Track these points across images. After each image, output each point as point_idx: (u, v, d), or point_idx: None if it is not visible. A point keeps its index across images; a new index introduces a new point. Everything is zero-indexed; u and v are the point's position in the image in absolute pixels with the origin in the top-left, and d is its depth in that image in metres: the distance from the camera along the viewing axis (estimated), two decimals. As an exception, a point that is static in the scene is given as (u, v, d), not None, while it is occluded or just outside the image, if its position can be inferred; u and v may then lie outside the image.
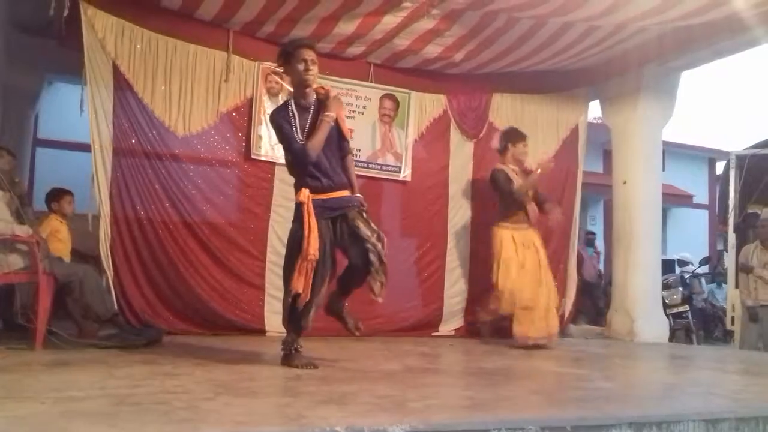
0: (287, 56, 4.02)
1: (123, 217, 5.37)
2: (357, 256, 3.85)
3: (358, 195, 4.04)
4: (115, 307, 4.79)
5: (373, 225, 3.92)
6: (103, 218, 5.25)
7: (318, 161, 3.87)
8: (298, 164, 3.91)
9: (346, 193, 3.98)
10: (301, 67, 3.94)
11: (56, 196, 5.60)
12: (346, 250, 3.92)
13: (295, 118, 3.90)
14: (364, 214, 3.94)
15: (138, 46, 5.45)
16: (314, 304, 3.86)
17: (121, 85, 5.39)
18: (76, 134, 7.34)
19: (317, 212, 3.81)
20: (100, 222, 5.24)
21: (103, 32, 5.28)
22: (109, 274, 5.20)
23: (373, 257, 3.83)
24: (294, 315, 3.86)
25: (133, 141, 5.44)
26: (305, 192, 3.85)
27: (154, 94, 5.51)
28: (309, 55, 3.97)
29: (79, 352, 4.13)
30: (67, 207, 5.55)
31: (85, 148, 5.42)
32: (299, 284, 3.73)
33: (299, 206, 3.86)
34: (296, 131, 3.87)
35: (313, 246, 3.72)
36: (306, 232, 3.74)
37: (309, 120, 3.92)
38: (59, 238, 5.34)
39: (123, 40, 5.38)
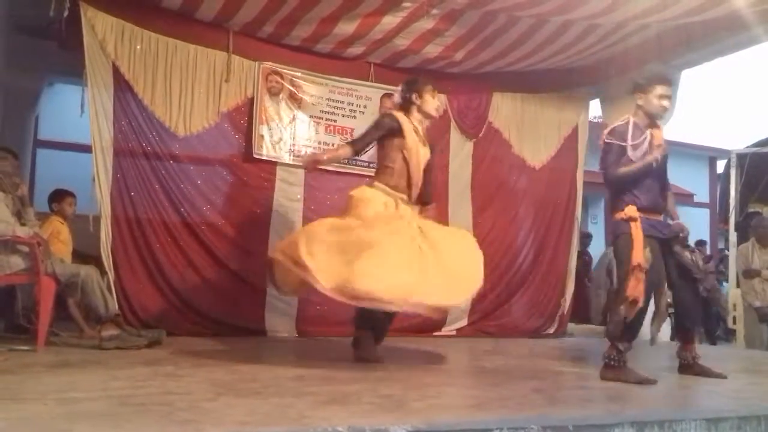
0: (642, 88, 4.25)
1: (124, 218, 5.38)
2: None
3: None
4: (117, 308, 4.78)
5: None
6: (104, 219, 5.25)
7: None
8: None
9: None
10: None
11: (57, 197, 5.60)
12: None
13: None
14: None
15: (138, 47, 5.45)
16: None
17: (122, 85, 5.39)
18: (77, 135, 7.32)
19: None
20: (101, 223, 5.24)
21: (103, 33, 5.28)
22: (111, 275, 5.20)
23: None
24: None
25: (134, 142, 5.45)
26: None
27: (155, 95, 5.52)
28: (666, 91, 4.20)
29: (81, 354, 4.13)
30: (68, 208, 5.56)
31: (86, 149, 5.42)
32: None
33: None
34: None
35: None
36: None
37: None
38: (60, 239, 5.34)
39: (123, 41, 5.38)
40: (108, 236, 5.26)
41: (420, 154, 4.46)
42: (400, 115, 4.46)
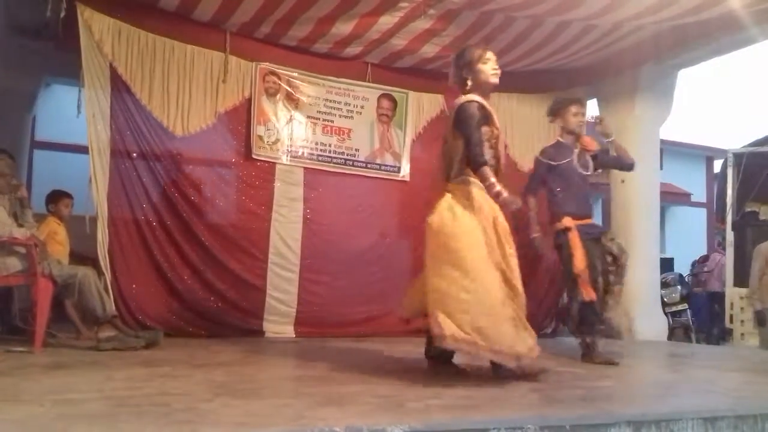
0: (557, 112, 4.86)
1: (121, 219, 5.38)
2: None
3: None
4: (114, 309, 4.78)
5: None
6: (101, 220, 5.25)
7: None
8: None
9: None
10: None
11: (54, 198, 5.59)
12: None
13: None
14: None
15: (135, 48, 5.46)
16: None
17: (119, 86, 5.39)
18: (74, 136, 7.32)
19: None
20: (98, 224, 5.24)
21: (100, 34, 5.28)
22: (108, 276, 5.19)
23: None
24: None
25: (131, 142, 5.45)
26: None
27: (152, 95, 5.52)
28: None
29: (78, 355, 4.12)
30: (64, 209, 5.55)
31: (83, 149, 5.42)
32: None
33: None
34: None
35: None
36: None
37: None
38: (57, 240, 5.33)
39: (120, 42, 5.38)
40: (105, 237, 5.26)
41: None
42: (478, 99, 3.86)
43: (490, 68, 3.88)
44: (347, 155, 6.29)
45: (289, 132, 6.08)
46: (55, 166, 8.81)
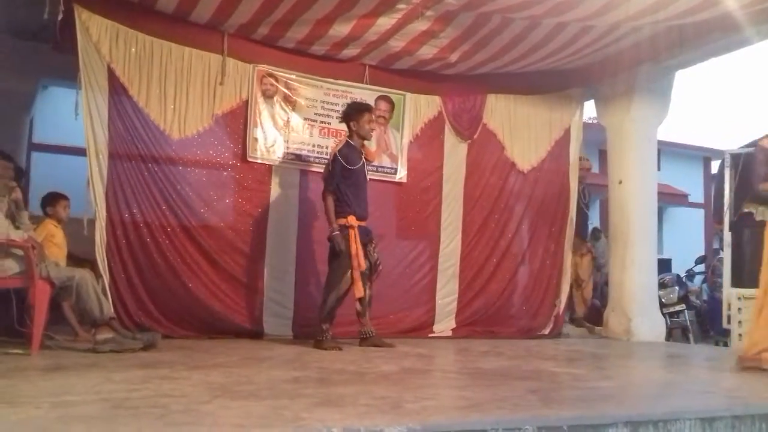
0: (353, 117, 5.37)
1: (119, 221, 5.38)
2: None
3: None
4: (112, 311, 4.77)
5: None
6: (99, 222, 5.25)
7: None
8: None
9: None
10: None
11: (51, 200, 5.58)
12: None
13: None
14: None
15: (133, 50, 5.46)
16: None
17: (116, 88, 5.39)
18: (72, 138, 7.32)
19: None
20: (96, 226, 5.24)
21: (97, 36, 5.28)
22: (106, 278, 5.20)
23: None
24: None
25: (129, 144, 5.45)
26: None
27: (150, 98, 5.52)
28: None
29: (76, 357, 4.12)
30: (62, 212, 5.54)
31: (81, 152, 5.43)
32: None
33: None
34: None
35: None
36: None
37: None
38: (55, 242, 5.33)
39: (118, 44, 5.39)
40: (103, 239, 5.26)
41: None
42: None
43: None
44: (345, 157, 6.28)
45: (286, 134, 6.08)
46: (52, 168, 8.80)
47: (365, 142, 5.48)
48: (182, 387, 3.08)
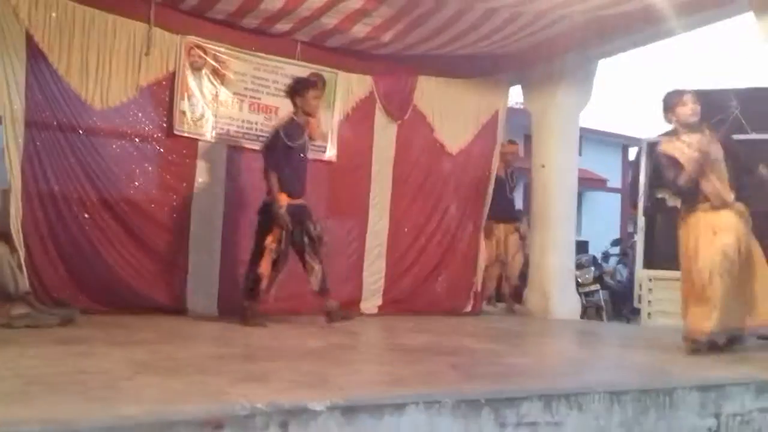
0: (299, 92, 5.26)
1: (36, 193, 5.17)
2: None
3: None
4: (27, 285, 4.62)
5: None
6: (14, 194, 5.03)
7: None
8: None
9: None
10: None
11: (-38, 169, 5.32)
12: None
13: None
14: None
15: (53, 15, 5.22)
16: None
17: (35, 54, 5.15)
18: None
19: None
20: (11, 197, 5.02)
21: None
22: (21, 252, 4.99)
23: None
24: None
25: (48, 114, 5.23)
26: None
27: (70, 66, 5.30)
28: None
29: (-11, 332, 3.97)
30: (-27, 181, 5.29)
31: (-5, 119, 5.17)
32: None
33: None
34: None
35: None
36: None
37: None
38: (-34, 213, 5.09)
39: (37, 8, 5.14)
40: (18, 211, 5.04)
41: None
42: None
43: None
44: (274, 133, 6.22)
45: (214, 108, 5.97)
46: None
47: (311, 119, 5.36)
48: (102, 363, 3.03)
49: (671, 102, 4.41)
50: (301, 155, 5.31)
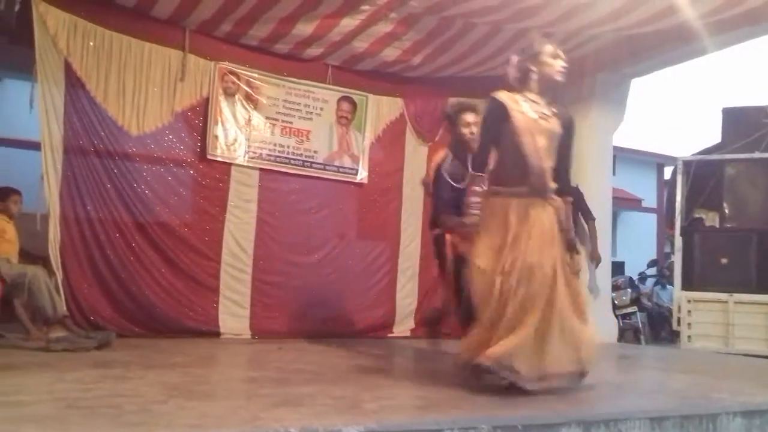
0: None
1: (73, 217, 5.27)
2: None
3: None
4: (65, 309, 4.69)
5: None
6: (52, 218, 5.14)
7: None
8: None
9: None
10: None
11: (2, 195, 5.44)
12: None
13: None
14: None
15: (91, 44, 5.36)
16: None
17: (73, 82, 5.29)
18: (26, 132, 7.14)
19: None
20: (50, 222, 5.13)
21: (55, 29, 5.17)
22: (59, 275, 5.08)
23: None
24: None
25: (85, 139, 5.36)
26: None
27: (108, 92, 5.43)
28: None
29: (27, 356, 4.03)
30: (13, 206, 5.40)
31: (35, 146, 5.31)
32: None
33: None
34: None
35: None
36: None
37: None
38: (6, 238, 5.19)
39: (76, 37, 5.28)
40: (57, 236, 5.15)
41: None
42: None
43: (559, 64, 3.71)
44: (305, 157, 6.28)
45: (247, 132, 6.04)
46: (5, 162, 8.57)
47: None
48: (137, 387, 3.05)
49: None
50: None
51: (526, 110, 3.52)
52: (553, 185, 3.41)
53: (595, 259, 6.42)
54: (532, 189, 3.34)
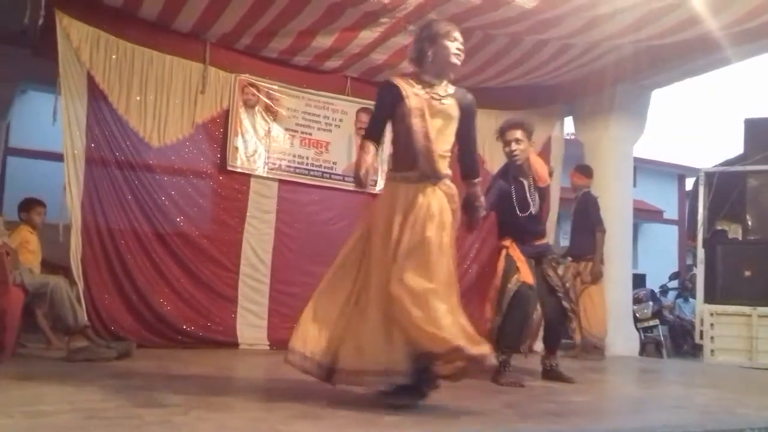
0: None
1: (95, 228, 5.32)
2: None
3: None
4: (86, 319, 4.72)
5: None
6: (74, 228, 5.19)
7: None
8: None
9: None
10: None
11: (26, 206, 5.52)
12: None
13: None
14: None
15: (113, 56, 5.43)
16: None
17: (96, 95, 5.36)
18: (49, 143, 7.24)
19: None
20: (72, 233, 5.18)
21: (78, 42, 5.25)
22: (80, 285, 5.13)
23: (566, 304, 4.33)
24: None
25: (107, 151, 5.42)
26: None
27: (129, 105, 5.49)
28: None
29: (49, 366, 4.06)
30: (36, 217, 5.48)
31: (58, 157, 5.38)
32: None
33: None
34: None
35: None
36: None
37: None
38: (29, 249, 5.26)
39: (98, 50, 5.36)
40: (78, 246, 5.20)
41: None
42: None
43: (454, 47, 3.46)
44: (324, 168, 6.30)
45: (267, 144, 6.08)
46: (28, 173, 8.69)
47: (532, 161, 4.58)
48: (157, 397, 3.05)
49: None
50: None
51: (418, 92, 3.33)
52: (446, 170, 3.29)
53: (594, 273, 6.24)
54: (422, 173, 3.23)
